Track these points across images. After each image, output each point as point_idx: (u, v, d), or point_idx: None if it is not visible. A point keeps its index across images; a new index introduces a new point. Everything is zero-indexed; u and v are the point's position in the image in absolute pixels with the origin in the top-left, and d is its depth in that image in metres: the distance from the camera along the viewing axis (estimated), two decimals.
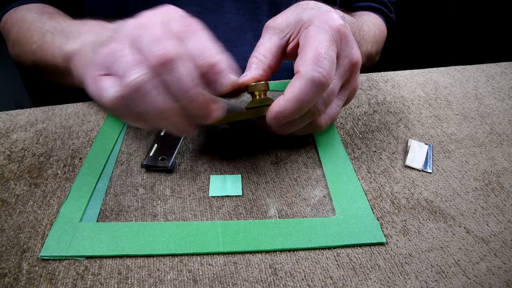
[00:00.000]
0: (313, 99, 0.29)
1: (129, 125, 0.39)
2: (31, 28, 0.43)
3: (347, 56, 0.31)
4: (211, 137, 0.37)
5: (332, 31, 0.30)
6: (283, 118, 0.29)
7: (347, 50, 0.31)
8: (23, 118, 0.40)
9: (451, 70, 0.51)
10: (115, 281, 0.24)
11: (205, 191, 0.31)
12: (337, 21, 0.30)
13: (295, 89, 0.28)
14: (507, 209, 0.30)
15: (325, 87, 0.28)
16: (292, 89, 0.28)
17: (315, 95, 0.28)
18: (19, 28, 0.45)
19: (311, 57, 0.28)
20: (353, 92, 0.35)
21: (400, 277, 0.25)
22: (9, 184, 0.32)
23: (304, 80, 0.28)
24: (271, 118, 0.30)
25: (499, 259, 0.26)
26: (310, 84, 0.28)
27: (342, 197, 0.31)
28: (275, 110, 0.29)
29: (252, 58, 0.32)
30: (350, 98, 0.36)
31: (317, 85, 0.28)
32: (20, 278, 0.25)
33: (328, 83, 0.28)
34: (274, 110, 0.29)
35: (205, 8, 0.50)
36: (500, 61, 0.53)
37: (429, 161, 0.35)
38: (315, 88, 0.28)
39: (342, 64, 0.31)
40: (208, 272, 0.25)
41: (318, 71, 0.28)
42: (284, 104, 0.29)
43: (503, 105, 0.44)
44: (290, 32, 0.33)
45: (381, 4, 0.61)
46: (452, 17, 1.26)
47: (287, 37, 0.33)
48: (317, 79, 0.28)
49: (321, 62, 0.28)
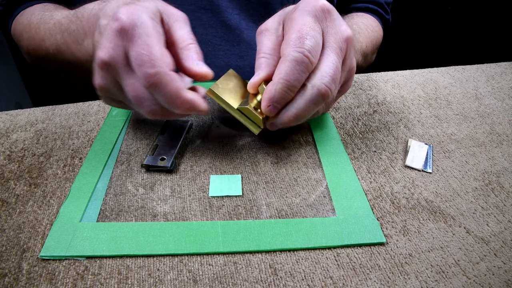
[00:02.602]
0: (299, 77, 0.30)
1: (129, 125, 0.39)
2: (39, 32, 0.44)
3: (337, 32, 0.31)
4: (211, 137, 0.37)
5: (315, 11, 0.31)
6: (276, 103, 0.31)
7: (336, 27, 0.31)
8: (23, 118, 0.40)
9: (451, 70, 0.51)
10: (115, 281, 0.24)
11: (205, 191, 0.31)
12: (320, 1, 0.31)
13: (281, 72, 0.30)
14: (507, 209, 0.30)
15: (309, 66, 0.29)
16: (278, 72, 0.30)
17: (300, 73, 0.30)
18: (28, 34, 0.46)
19: (293, 39, 0.29)
20: (350, 72, 0.34)
21: (400, 277, 0.25)
22: (9, 184, 0.32)
23: (288, 61, 0.29)
24: (266, 106, 0.31)
25: (499, 259, 0.26)
26: (294, 65, 0.29)
27: (342, 197, 0.31)
28: (266, 97, 0.31)
29: (260, 59, 0.33)
30: (348, 80, 0.35)
31: (300, 64, 0.29)
32: (20, 278, 0.25)
33: (312, 61, 0.29)
34: (266, 97, 0.31)
35: (201, 7, 0.50)
36: (500, 61, 0.53)
37: (429, 161, 0.35)
38: (299, 67, 0.29)
39: (334, 40, 0.31)
40: (208, 272, 0.25)
41: (299, 51, 0.29)
42: (273, 88, 0.30)
43: (503, 105, 0.44)
44: (281, 28, 0.33)
45: (377, 5, 0.62)
46: (452, 17, 1.26)
47: (281, 33, 0.33)
48: (299, 59, 0.29)
49: (302, 42, 0.29)
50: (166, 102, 0.28)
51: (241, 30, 0.52)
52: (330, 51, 0.31)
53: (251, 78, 0.32)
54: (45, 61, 0.46)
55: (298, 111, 0.31)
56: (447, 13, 1.25)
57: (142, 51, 0.27)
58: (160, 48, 0.28)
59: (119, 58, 0.28)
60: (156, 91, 0.28)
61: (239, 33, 0.52)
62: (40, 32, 0.44)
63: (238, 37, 0.53)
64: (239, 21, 0.52)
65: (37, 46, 0.45)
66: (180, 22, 0.32)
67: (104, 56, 0.28)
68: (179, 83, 0.28)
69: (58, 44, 0.41)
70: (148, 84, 0.27)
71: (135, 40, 0.27)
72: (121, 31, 0.28)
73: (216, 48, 0.52)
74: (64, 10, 0.45)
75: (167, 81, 0.28)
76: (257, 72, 0.32)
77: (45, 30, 0.43)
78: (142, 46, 0.27)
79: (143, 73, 0.27)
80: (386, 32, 0.64)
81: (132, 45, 0.27)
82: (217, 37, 0.52)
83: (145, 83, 0.27)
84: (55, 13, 0.44)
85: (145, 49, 0.27)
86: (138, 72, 0.27)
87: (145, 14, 0.28)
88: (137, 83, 0.28)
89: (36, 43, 0.45)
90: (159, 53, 0.28)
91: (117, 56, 0.28)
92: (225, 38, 0.52)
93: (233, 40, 0.53)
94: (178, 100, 0.28)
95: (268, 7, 0.52)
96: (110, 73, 0.29)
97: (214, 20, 0.51)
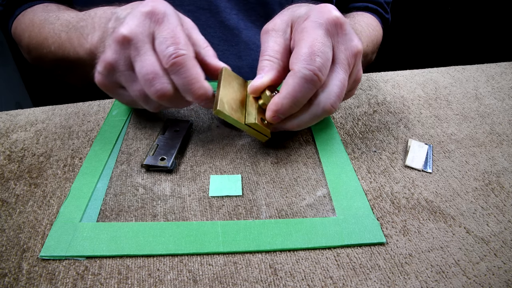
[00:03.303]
0: (307, 94, 0.30)
1: (129, 125, 0.39)
2: (43, 31, 0.44)
3: (347, 48, 0.31)
4: (211, 137, 0.37)
5: (327, 25, 0.30)
6: (281, 115, 0.32)
7: (347, 42, 0.31)
8: (23, 118, 0.40)
9: (451, 70, 0.51)
10: (115, 281, 0.24)
11: (205, 191, 0.31)
12: (333, 13, 0.31)
13: (289, 87, 0.30)
14: (507, 209, 0.30)
15: (317, 84, 0.30)
16: (287, 86, 0.30)
17: (308, 91, 0.30)
18: (30, 33, 0.47)
19: (304, 54, 0.29)
20: (355, 83, 0.35)
21: (400, 277, 0.25)
22: (9, 184, 0.32)
23: (297, 78, 0.29)
24: (270, 117, 0.32)
25: (499, 259, 0.26)
26: (303, 82, 0.29)
27: (342, 197, 0.31)
28: (272, 109, 0.31)
29: (263, 61, 0.33)
30: (352, 89, 0.36)
31: (310, 82, 0.29)
32: (20, 278, 0.25)
33: (321, 79, 0.29)
34: (272, 108, 0.31)
35: (199, 7, 0.50)
36: (500, 61, 0.53)
37: (429, 161, 0.35)
38: (307, 85, 0.30)
39: (344, 57, 0.31)
40: (208, 272, 0.25)
41: (310, 68, 0.29)
42: (280, 102, 0.31)
43: (503, 105, 0.44)
44: (289, 31, 0.33)
45: (377, 4, 0.61)
46: (452, 17, 1.26)
47: (289, 36, 0.33)
48: (309, 77, 0.29)
49: (313, 60, 0.29)
50: (184, 85, 0.30)
51: (239, 30, 0.52)
52: (339, 68, 0.31)
53: (253, 80, 0.33)
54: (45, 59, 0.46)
55: (301, 123, 0.33)
56: (447, 13, 1.25)
57: (172, 33, 0.29)
58: (185, 37, 0.30)
59: (142, 35, 0.29)
60: (177, 72, 0.29)
61: (238, 33, 0.52)
62: (44, 31, 0.44)
63: (237, 37, 0.53)
64: (238, 21, 0.52)
65: (39, 44, 0.45)
66: (196, 29, 0.35)
67: (125, 31, 0.29)
68: (200, 70, 0.30)
69: (62, 41, 0.41)
70: (171, 63, 0.29)
71: (164, 24, 0.30)
72: (151, 14, 0.30)
73: (214, 48, 0.52)
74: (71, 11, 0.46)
75: (191, 65, 0.29)
76: (260, 75, 0.32)
77: (49, 30, 0.43)
78: (172, 30, 0.30)
79: (171, 52, 0.29)
80: (386, 32, 0.64)
81: (160, 27, 0.30)
82: (216, 37, 0.52)
83: (169, 61, 0.29)
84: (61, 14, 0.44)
85: (174, 33, 0.29)
86: (165, 51, 0.29)
87: (173, 9, 0.31)
88: (155, 61, 0.29)
89: (39, 41, 0.45)
90: (185, 40, 0.30)
91: (141, 33, 0.29)
92: (224, 38, 0.52)
93: (231, 40, 0.53)
94: (197, 84, 0.30)
95: (266, 7, 0.52)
96: (125, 49, 0.30)
97: (212, 20, 0.51)
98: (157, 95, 0.30)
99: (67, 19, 0.42)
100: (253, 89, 0.33)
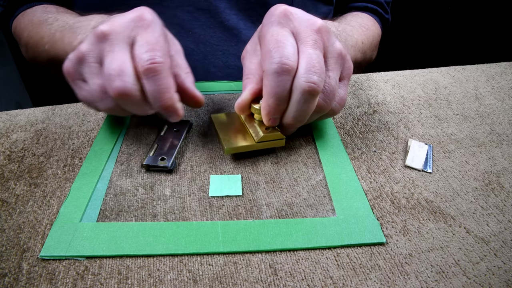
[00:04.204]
0: (285, 86, 0.30)
1: (129, 125, 0.39)
2: (40, 30, 0.46)
3: (307, 26, 0.31)
4: (211, 137, 0.37)
5: (278, 18, 0.31)
6: (274, 115, 0.32)
7: (303, 22, 0.31)
8: (23, 118, 0.40)
9: (451, 70, 0.51)
10: (115, 281, 0.24)
11: (205, 191, 0.31)
12: (280, 7, 0.32)
13: (267, 87, 0.30)
14: (507, 209, 0.30)
15: (290, 71, 0.29)
16: (265, 87, 0.31)
17: (284, 82, 0.30)
18: (29, 32, 0.48)
19: (266, 52, 0.30)
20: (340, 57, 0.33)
21: (400, 277, 0.25)
22: (9, 184, 0.32)
23: (269, 75, 0.30)
24: (267, 122, 0.33)
25: (499, 259, 0.26)
26: (275, 76, 0.29)
27: (342, 197, 0.31)
28: (265, 114, 0.32)
29: (244, 80, 0.34)
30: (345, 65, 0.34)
31: (281, 73, 0.29)
32: (20, 278, 0.25)
33: (291, 65, 0.29)
34: (264, 114, 0.32)
35: (199, 7, 0.50)
36: (500, 61, 0.53)
37: (429, 161, 0.35)
38: (281, 77, 0.29)
39: (305, 35, 0.31)
40: (208, 272, 0.25)
41: (276, 61, 0.29)
42: (266, 104, 0.31)
43: (503, 105, 0.44)
44: (259, 47, 0.34)
45: (376, 4, 0.61)
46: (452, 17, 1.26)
47: (260, 53, 0.33)
48: (278, 69, 0.29)
49: (276, 52, 0.29)
50: (156, 91, 0.29)
51: (239, 30, 0.52)
52: (304, 46, 0.30)
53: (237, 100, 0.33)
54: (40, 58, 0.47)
55: (295, 114, 0.31)
56: (447, 13, 1.25)
57: (154, 40, 0.29)
58: (166, 48, 0.30)
59: (122, 35, 0.29)
60: (151, 78, 0.29)
61: (237, 33, 0.52)
62: (41, 31, 0.45)
63: (236, 37, 0.53)
64: (237, 21, 0.52)
65: (36, 43, 0.46)
66: (182, 53, 0.35)
67: (106, 28, 0.29)
68: (173, 82, 0.30)
69: (55, 40, 0.42)
70: (148, 67, 0.28)
71: (150, 30, 0.30)
72: (138, 19, 0.30)
73: (214, 48, 0.52)
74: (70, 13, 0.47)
75: (166, 74, 0.29)
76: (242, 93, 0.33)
77: (46, 30, 0.45)
78: (155, 37, 0.30)
79: (149, 56, 0.28)
80: (386, 32, 0.64)
81: (144, 32, 0.30)
82: (215, 37, 0.52)
83: (145, 65, 0.28)
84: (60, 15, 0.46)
85: (157, 40, 0.30)
86: (143, 54, 0.29)
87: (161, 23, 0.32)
88: (127, 60, 0.29)
89: (36, 40, 0.46)
90: (166, 51, 0.30)
91: (120, 33, 0.29)
92: (223, 39, 0.52)
93: (231, 41, 0.53)
94: (168, 94, 0.30)
95: (266, 7, 0.52)
96: (101, 43, 0.29)
97: (212, 20, 0.51)
98: (117, 92, 0.29)
99: (66, 20, 0.43)
100: (239, 107, 0.33)
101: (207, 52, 0.52)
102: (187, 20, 0.50)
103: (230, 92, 0.45)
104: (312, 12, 0.33)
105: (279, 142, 0.34)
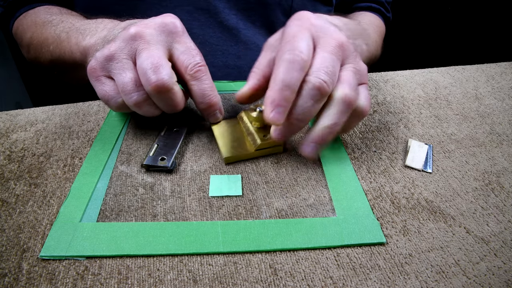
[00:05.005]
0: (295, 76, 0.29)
1: (129, 125, 0.39)
2: (45, 31, 0.46)
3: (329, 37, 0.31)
4: (211, 137, 0.37)
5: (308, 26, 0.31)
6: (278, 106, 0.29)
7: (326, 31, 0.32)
8: (23, 118, 0.40)
9: (451, 70, 0.51)
10: (115, 281, 0.24)
11: (205, 191, 0.31)
12: (310, 16, 0.32)
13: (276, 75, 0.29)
14: (507, 209, 0.30)
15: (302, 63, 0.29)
16: (274, 75, 0.29)
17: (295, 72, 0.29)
18: (32, 33, 0.48)
19: (283, 46, 0.30)
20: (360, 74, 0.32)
21: (400, 277, 0.25)
22: (9, 184, 0.32)
23: (281, 61, 0.29)
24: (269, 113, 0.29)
25: (499, 259, 0.26)
26: (286, 64, 0.29)
27: (342, 197, 0.31)
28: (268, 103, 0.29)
29: (250, 73, 0.34)
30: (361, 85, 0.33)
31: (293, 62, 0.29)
32: (20, 278, 0.25)
33: (304, 58, 0.29)
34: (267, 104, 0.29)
35: (198, 7, 0.50)
36: (500, 61, 0.53)
37: (429, 161, 0.35)
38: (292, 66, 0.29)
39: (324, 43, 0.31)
40: (208, 272, 0.25)
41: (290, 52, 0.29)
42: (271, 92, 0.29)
43: (503, 105, 0.44)
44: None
45: (379, 4, 0.63)
46: (452, 17, 1.26)
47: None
48: (291, 58, 0.29)
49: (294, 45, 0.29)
50: (202, 90, 0.34)
51: (238, 30, 0.52)
52: (321, 50, 0.30)
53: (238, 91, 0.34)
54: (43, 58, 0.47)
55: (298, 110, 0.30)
56: (447, 13, 1.25)
57: (194, 46, 0.34)
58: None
59: (156, 37, 0.32)
60: (199, 79, 0.33)
61: (237, 33, 0.53)
62: (46, 32, 0.45)
63: (236, 37, 0.53)
64: (237, 21, 0.52)
65: (40, 44, 0.46)
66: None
67: (139, 29, 0.32)
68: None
69: (61, 40, 0.42)
70: (197, 70, 0.33)
71: (185, 38, 0.34)
72: (173, 26, 0.33)
73: (214, 48, 0.52)
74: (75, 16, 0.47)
75: (209, 76, 0.34)
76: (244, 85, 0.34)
77: (51, 31, 0.45)
78: (193, 45, 0.34)
79: (198, 60, 0.33)
80: (386, 32, 0.64)
81: (181, 39, 0.34)
82: (215, 37, 0.52)
83: (195, 69, 0.33)
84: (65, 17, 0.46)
85: (196, 47, 0.34)
86: (190, 59, 0.33)
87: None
88: (163, 57, 0.31)
89: (40, 41, 0.46)
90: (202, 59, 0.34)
91: (155, 35, 0.32)
92: (223, 39, 0.52)
93: (230, 40, 0.53)
94: (214, 92, 0.34)
95: (266, 7, 0.53)
96: (133, 43, 0.32)
97: (211, 20, 0.51)
98: (156, 84, 0.30)
99: (72, 22, 0.43)
100: (238, 98, 0.34)
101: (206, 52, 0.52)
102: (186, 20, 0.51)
103: (229, 92, 0.45)
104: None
105: (277, 148, 0.35)
